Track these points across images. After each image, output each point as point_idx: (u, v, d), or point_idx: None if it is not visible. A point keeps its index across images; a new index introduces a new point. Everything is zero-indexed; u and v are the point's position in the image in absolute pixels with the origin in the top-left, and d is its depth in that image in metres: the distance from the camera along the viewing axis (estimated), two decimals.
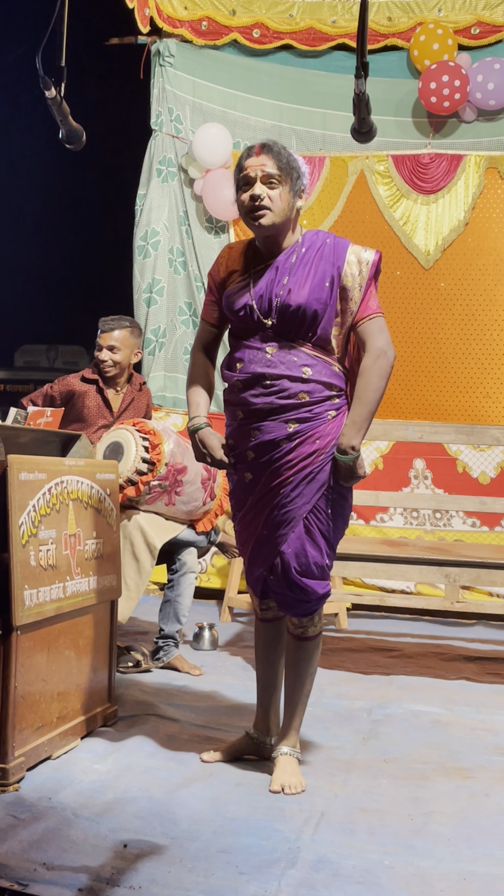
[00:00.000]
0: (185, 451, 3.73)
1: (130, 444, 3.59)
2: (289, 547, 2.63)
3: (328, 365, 2.63)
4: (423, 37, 5.81)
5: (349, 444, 2.57)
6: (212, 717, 3.23)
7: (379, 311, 2.64)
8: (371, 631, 5.06)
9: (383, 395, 2.62)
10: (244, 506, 2.71)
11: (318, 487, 2.60)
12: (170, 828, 2.26)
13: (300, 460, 2.59)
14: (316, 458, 2.59)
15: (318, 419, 2.60)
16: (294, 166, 2.62)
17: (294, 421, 2.59)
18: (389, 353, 2.61)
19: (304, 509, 2.61)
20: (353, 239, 2.73)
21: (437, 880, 2.06)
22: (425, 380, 5.86)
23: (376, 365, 2.59)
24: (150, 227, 6.09)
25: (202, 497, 3.85)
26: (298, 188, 2.64)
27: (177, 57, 6.11)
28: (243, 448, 2.66)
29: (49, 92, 2.91)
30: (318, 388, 2.60)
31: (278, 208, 2.59)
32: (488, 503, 4.90)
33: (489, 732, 3.22)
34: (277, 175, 2.58)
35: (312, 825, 2.33)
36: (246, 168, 2.60)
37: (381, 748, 3.00)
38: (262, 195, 2.57)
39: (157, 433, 3.65)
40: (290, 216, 2.64)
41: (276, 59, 6.20)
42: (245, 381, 2.63)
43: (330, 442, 2.60)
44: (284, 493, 2.61)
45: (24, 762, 2.53)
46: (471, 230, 5.81)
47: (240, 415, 2.66)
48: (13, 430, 2.99)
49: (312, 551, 2.63)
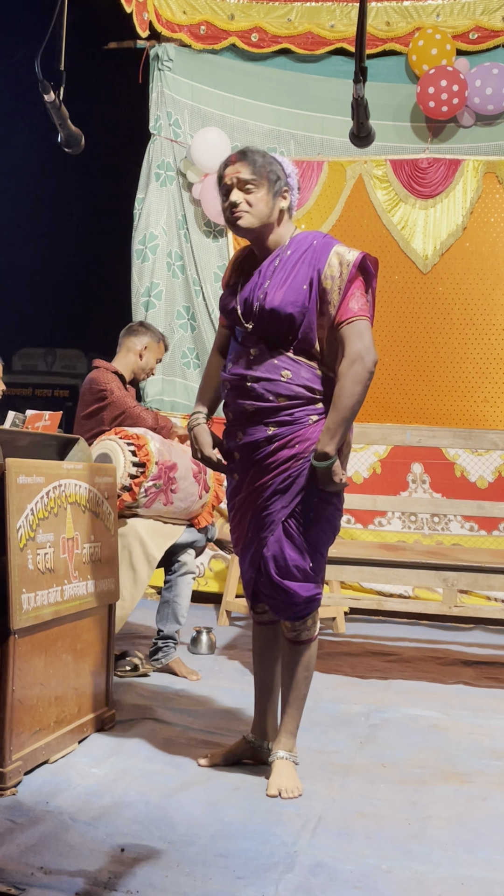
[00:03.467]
0: (171, 448, 3.77)
1: (117, 451, 3.62)
2: (268, 550, 2.64)
3: (311, 369, 2.61)
4: (422, 42, 5.83)
5: (322, 450, 2.53)
6: (209, 721, 3.22)
7: (361, 314, 2.56)
8: (369, 635, 5.06)
9: (362, 401, 2.56)
10: (234, 506, 2.75)
11: (297, 492, 2.59)
12: (167, 832, 2.26)
13: (280, 464, 2.60)
14: (295, 463, 2.59)
15: (297, 423, 2.59)
16: (270, 168, 2.64)
17: (273, 424, 2.59)
18: (367, 357, 2.52)
19: (282, 513, 2.61)
20: (350, 243, 2.72)
21: (435, 885, 2.05)
22: (423, 384, 5.87)
23: (351, 370, 2.52)
24: (149, 231, 6.10)
25: (197, 491, 3.86)
26: (279, 189, 2.66)
27: (175, 61, 6.12)
28: (231, 448, 2.70)
29: (48, 96, 2.91)
30: (298, 392, 2.59)
31: (257, 211, 2.62)
32: (486, 507, 4.90)
33: (487, 737, 3.22)
34: (252, 179, 2.61)
35: (310, 829, 2.32)
36: (224, 177, 2.66)
37: (379, 752, 2.99)
38: (238, 201, 2.61)
39: (139, 436, 3.68)
40: (272, 218, 2.66)
41: (275, 63, 6.23)
42: (232, 381, 2.66)
43: (309, 447, 2.58)
44: (265, 496, 2.62)
45: (22, 766, 2.53)
46: (469, 235, 5.82)
47: (230, 416, 2.70)
48: (11, 434, 3.00)
49: (292, 554, 2.62)
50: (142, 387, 6.08)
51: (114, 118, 8.13)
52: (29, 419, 4.05)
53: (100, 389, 3.94)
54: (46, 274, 11.90)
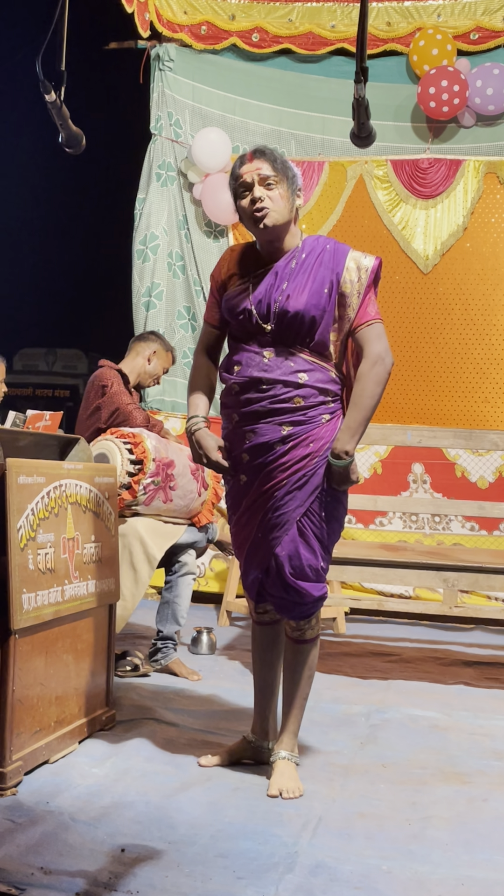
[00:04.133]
0: (167, 445, 3.78)
1: (114, 450, 3.62)
2: (282, 549, 2.63)
3: (325, 370, 2.63)
4: (423, 42, 5.83)
5: (343, 448, 2.59)
6: (210, 722, 3.22)
7: (377, 318, 2.64)
8: (369, 635, 5.06)
9: (379, 401, 2.62)
10: (239, 508, 2.72)
11: (311, 490, 2.61)
12: (167, 832, 2.26)
13: (294, 463, 2.60)
14: (310, 462, 2.60)
15: (311, 422, 2.61)
16: (288, 166, 2.65)
17: (288, 424, 2.59)
18: (387, 359, 2.62)
19: (297, 512, 2.61)
20: (351, 244, 2.74)
21: (435, 885, 2.05)
22: (424, 384, 5.87)
23: (373, 371, 2.60)
24: (150, 231, 6.10)
25: (196, 488, 3.87)
26: (296, 187, 2.67)
27: (176, 61, 6.12)
28: (238, 451, 2.67)
29: (49, 96, 2.91)
30: (313, 394, 2.61)
31: (280, 207, 2.60)
32: (487, 507, 4.90)
33: (487, 737, 3.22)
34: (274, 175, 2.60)
35: (310, 830, 2.32)
36: (242, 175, 2.63)
37: (380, 753, 2.99)
38: (262, 196, 2.59)
39: (135, 434, 3.69)
40: (291, 216, 2.66)
41: (276, 63, 6.23)
42: (242, 384, 2.64)
43: (324, 445, 2.61)
44: (278, 495, 2.61)
45: (22, 766, 2.53)
46: (469, 235, 5.82)
47: (235, 418, 2.67)
48: (12, 434, 2.99)
49: (306, 553, 2.63)
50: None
51: (115, 118, 8.14)
52: (29, 419, 4.05)
53: (101, 385, 3.96)
54: (47, 274, 11.91)
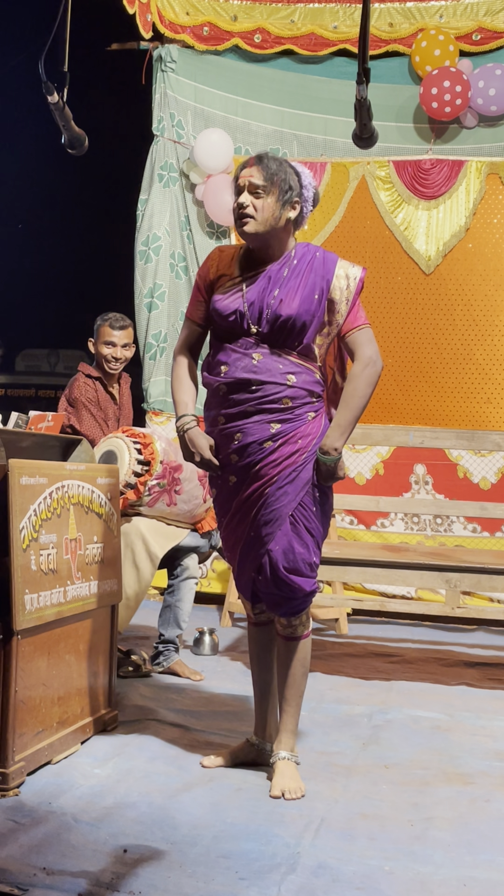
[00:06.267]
0: (177, 449, 3.77)
1: (122, 449, 3.62)
2: (276, 545, 2.66)
3: (311, 372, 2.70)
4: (425, 43, 5.83)
5: (332, 445, 2.66)
6: (212, 722, 3.22)
7: (366, 322, 2.75)
8: (371, 636, 5.05)
9: (368, 402, 2.72)
10: (229, 510, 2.75)
11: (302, 485, 2.66)
12: (170, 833, 2.26)
13: (283, 459, 2.65)
14: (299, 457, 2.65)
15: (298, 420, 2.67)
16: (283, 178, 2.68)
17: (277, 422, 2.65)
18: (378, 362, 2.72)
19: (290, 507, 2.65)
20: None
21: (438, 886, 2.05)
22: (426, 385, 5.86)
23: (365, 373, 2.69)
24: (152, 232, 6.11)
25: (202, 494, 3.86)
26: (289, 199, 2.69)
27: (178, 62, 6.12)
28: (226, 452, 2.70)
29: (51, 97, 2.92)
30: (301, 394, 2.67)
31: (262, 218, 2.66)
32: (489, 508, 4.90)
33: (490, 738, 3.22)
34: (262, 185, 2.66)
35: (312, 830, 2.33)
36: (239, 178, 2.72)
37: (382, 753, 2.99)
38: (245, 203, 2.67)
39: (146, 434, 3.70)
40: (277, 226, 2.69)
41: (278, 64, 6.23)
42: (230, 385, 2.68)
43: (311, 441, 2.67)
44: (270, 492, 2.65)
45: (25, 767, 2.53)
46: (472, 236, 5.81)
47: (221, 420, 2.71)
48: (14, 435, 3.00)
49: (300, 548, 2.66)
50: (145, 388, 6.09)
51: (117, 119, 8.13)
52: (32, 420, 4.04)
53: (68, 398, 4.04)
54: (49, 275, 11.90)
